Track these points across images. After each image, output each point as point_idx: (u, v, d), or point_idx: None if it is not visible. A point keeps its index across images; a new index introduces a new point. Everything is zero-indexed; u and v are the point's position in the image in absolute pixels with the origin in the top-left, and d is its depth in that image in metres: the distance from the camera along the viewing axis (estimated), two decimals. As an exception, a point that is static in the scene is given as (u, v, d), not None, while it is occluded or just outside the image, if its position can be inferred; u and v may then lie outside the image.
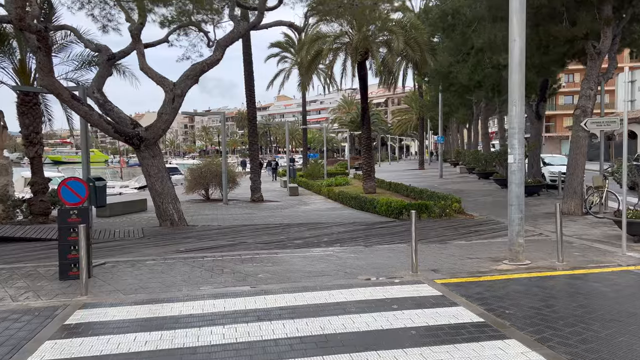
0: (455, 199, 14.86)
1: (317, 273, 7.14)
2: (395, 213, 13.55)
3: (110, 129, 11.26)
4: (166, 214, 12.31)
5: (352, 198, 17.63)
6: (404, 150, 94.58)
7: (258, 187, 20.75)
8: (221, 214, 16.18)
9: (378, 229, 11.69)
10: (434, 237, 10.38)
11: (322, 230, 11.47)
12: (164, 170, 12.33)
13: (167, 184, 12.32)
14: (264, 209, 17.66)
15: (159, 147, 12.26)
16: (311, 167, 34.66)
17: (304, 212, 16.27)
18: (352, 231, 11.34)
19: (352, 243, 9.80)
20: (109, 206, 16.14)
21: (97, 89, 12.13)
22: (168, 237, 10.88)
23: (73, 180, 7.68)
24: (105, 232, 11.51)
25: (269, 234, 11.01)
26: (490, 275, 6.88)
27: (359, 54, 20.20)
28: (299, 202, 20.26)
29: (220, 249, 9.36)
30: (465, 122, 44.36)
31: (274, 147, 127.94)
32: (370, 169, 21.84)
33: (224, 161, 20.01)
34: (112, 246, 9.85)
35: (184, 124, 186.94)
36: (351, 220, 13.34)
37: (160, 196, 12.24)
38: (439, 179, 30.02)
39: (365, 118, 21.94)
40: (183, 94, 11.58)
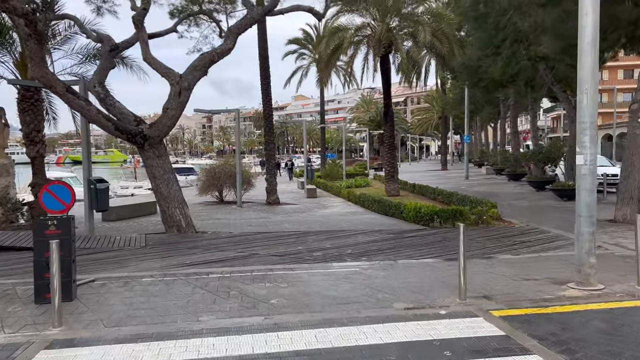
0: (491, 203, 13.44)
1: (342, 299, 5.86)
2: (425, 220, 12.19)
3: (111, 126, 10.17)
4: (172, 219, 11.19)
5: (375, 201, 16.31)
6: (425, 150, 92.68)
7: (274, 189, 19.57)
8: (234, 218, 15.03)
9: (408, 238, 10.36)
10: (474, 249, 9.01)
11: (345, 240, 10.18)
12: (170, 171, 11.21)
13: (174, 186, 11.19)
14: (279, 213, 16.46)
15: (164, 146, 11.15)
16: (329, 168, 33.39)
17: (323, 217, 15.01)
18: (379, 241, 10.03)
19: (380, 256, 8.51)
20: (115, 209, 15.14)
21: (99, 83, 11.06)
22: (172, 246, 9.73)
23: (56, 184, 6.56)
24: (105, 239, 10.43)
25: (285, 244, 9.78)
26: (560, 305, 5.51)
27: (382, 46, 18.86)
28: (318, 205, 19.00)
29: (229, 262, 8.16)
30: (490, 120, 42.58)
31: (292, 147, 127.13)
32: (393, 170, 20.48)
33: (237, 161, 18.88)
34: (108, 257, 8.73)
35: (201, 124, 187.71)
36: (376, 228, 12.03)
37: (166, 200, 11.12)
38: (464, 181, 28.46)
39: (388, 115, 20.58)
40: (190, 87, 10.43)
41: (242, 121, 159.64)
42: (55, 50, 14.56)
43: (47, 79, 9.26)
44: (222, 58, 10.69)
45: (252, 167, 40.62)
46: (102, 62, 11.38)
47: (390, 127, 20.70)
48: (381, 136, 56.75)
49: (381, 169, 47.66)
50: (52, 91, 9.69)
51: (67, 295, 5.88)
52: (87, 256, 8.82)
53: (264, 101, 19.43)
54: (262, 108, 19.48)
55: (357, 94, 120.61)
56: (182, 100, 10.47)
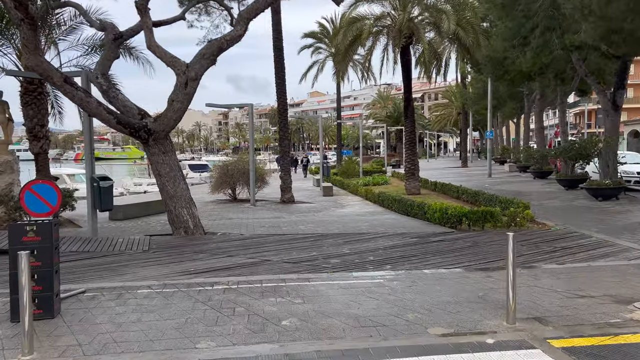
0: (524, 204, 12.39)
1: (366, 319, 4.97)
2: (452, 222, 11.20)
3: (112, 120, 9.42)
4: (179, 220, 10.42)
5: (395, 200, 15.35)
6: (443, 146, 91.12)
7: (288, 187, 18.74)
8: (246, 218, 14.23)
9: (434, 243, 9.40)
10: (511, 257, 8.02)
11: (365, 244, 9.28)
12: (177, 168, 10.43)
13: (181, 185, 10.41)
14: (294, 212, 15.62)
15: (170, 142, 10.37)
16: (346, 165, 32.46)
17: (340, 217, 14.11)
18: (402, 246, 9.10)
19: (406, 264, 7.59)
20: (122, 208, 14.47)
21: (102, 74, 10.33)
22: (177, 250, 8.94)
23: (40, 183, 5.78)
24: (107, 242, 9.69)
25: (299, 249, 8.91)
26: (632, 334, 4.53)
27: (403, 37, 17.86)
28: (334, 204, 18.11)
29: (237, 270, 7.33)
30: (512, 116, 41.08)
31: (307, 143, 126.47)
32: (413, 167, 19.48)
33: (251, 158, 18.08)
34: (106, 263, 7.98)
35: (218, 121, 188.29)
36: (398, 230, 11.09)
37: (173, 200, 10.35)
38: (488, 178, 27.24)
39: (408, 110, 19.57)
40: (198, 77, 9.62)
41: (257, 118, 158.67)
42: (61, 40, 13.94)
43: (43, 69, 8.53)
44: (232, 45, 9.85)
45: (266, 164, 39.99)
46: (105, 51, 10.65)
47: (410, 123, 19.69)
48: (398, 132, 55.60)
49: (399, 165, 46.64)
50: (49, 82, 8.99)
51: (47, 311, 5.11)
52: (84, 261, 8.08)
53: (278, 95, 18.57)
54: (277, 102, 18.64)
55: (374, 90, 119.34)
56: (189, 91, 9.67)
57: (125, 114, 10.03)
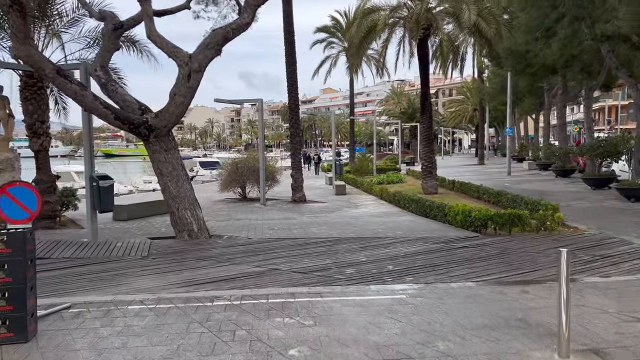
0: (552, 206, 11.49)
1: (388, 349, 4.21)
2: (476, 225, 10.36)
3: (110, 115, 8.76)
4: (183, 223, 9.74)
5: (412, 201, 14.52)
6: (458, 144, 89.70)
7: (300, 186, 18.01)
8: (255, 218, 13.53)
9: (459, 250, 8.58)
10: (546, 266, 7.19)
11: (382, 251, 8.50)
12: (180, 167, 9.75)
13: (184, 185, 9.73)
14: (306, 212, 14.88)
15: (173, 139, 9.69)
16: (359, 162, 31.62)
17: (354, 218, 13.34)
18: (424, 253, 8.30)
19: (430, 275, 6.80)
20: (126, 208, 13.89)
21: (101, 66, 9.68)
22: (178, 257, 8.26)
23: (18, 185, 5.12)
24: (104, 247, 9.05)
25: (311, 255, 8.17)
26: None
27: (420, 28, 16.97)
28: (347, 204, 17.34)
29: (241, 281, 6.61)
30: (531, 112, 39.82)
31: (319, 140, 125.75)
32: (431, 165, 18.61)
33: (261, 155, 17.38)
34: (99, 272, 7.32)
35: (230, 118, 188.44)
36: (418, 234, 10.28)
37: (176, 200, 9.68)
38: (507, 177, 26.22)
39: (425, 106, 18.69)
40: (201, 69, 8.91)
41: (269, 115, 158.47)
42: (62, 33, 13.33)
43: (34, 60, 7.90)
44: (238, 35, 9.11)
45: (277, 161, 39.34)
46: (104, 42, 9.99)
47: (427, 119, 18.81)
48: (413, 129, 54.50)
49: (413, 163, 45.63)
50: (40, 74, 8.36)
51: (19, 334, 4.44)
52: (76, 269, 7.43)
53: (289, 90, 17.83)
54: (288, 97, 17.91)
55: (387, 86, 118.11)
56: (192, 84, 8.96)
57: (125, 109, 9.37)
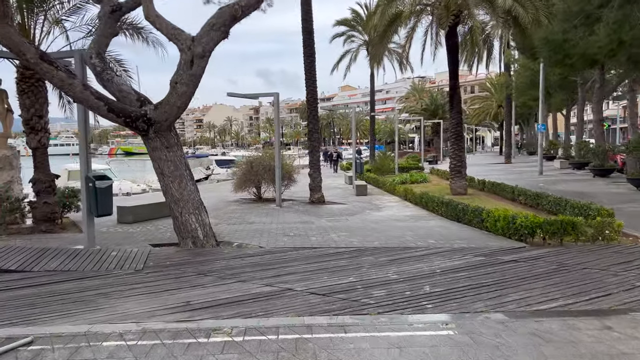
0: (606, 211, 10.06)
1: None
2: (521, 233, 8.99)
3: (102, 107, 7.68)
4: (186, 229, 8.63)
5: (442, 203, 13.18)
6: (481, 141, 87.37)
7: (318, 186, 16.82)
8: (270, 222, 12.38)
9: (507, 264, 7.25)
10: (620, 289, 5.82)
11: (416, 265, 7.22)
12: (183, 167, 8.64)
13: (188, 186, 8.61)
14: (324, 215, 13.68)
15: (175, 134, 8.58)
16: (380, 161, 30.25)
17: (378, 223, 12.08)
18: (466, 268, 7.00)
19: (479, 300, 5.51)
20: (132, 210, 12.89)
21: (97, 53, 8.61)
22: (177, 270, 7.13)
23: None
24: (95, 257, 7.99)
25: (331, 270, 6.95)
26: None
27: (450, 15, 15.57)
28: (369, 205, 16.09)
29: (246, 306, 5.43)
30: (561, 108, 37.80)
31: (338, 138, 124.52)
32: (460, 164, 17.22)
33: (277, 153, 16.23)
34: (82, 290, 6.22)
35: (249, 116, 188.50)
36: (454, 243, 8.97)
37: (178, 204, 8.57)
38: (539, 176, 24.60)
39: (454, 99, 17.28)
40: (205, 54, 7.76)
41: (288, 113, 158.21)
42: (64, 20, 12.39)
43: (13, 42, 6.86)
44: (248, 14, 7.93)
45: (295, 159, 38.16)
46: (101, 26, 8.91)
47: (457, 114, 17.40)
48: (435, 126, 52.79)
49: (436, 161, 43.99)
50: (22, 60, 7.31)
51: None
52: (56, 287, 6.36)
53: (307, 83, 16.63)
54: (306, 91, 16.71)
55: (406, 83, 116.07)
56: (195, 71, 7.82)
57: (121, 101, 8.29)
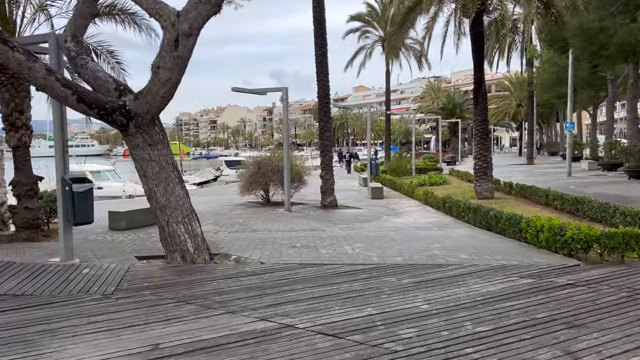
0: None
1: None
2: (571, 248, 7.51)
3: (70, 96, 6.43)
4: (174, 241, 7.34)
5: (469, 209, 11.74)
6: (498, 142, 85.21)
7: (330, 189, 15.46)
8: (276, 229, 11.07)
9: (564, 290, 5.79)
10: None
11: (448, 289, 5.81)
12: (170, 167, 7.35)
13: (176, 191, 7.32)
14: (337, 222, 12.33)
15: (160, 129, 7.29)
16: (395, 162, 28.75)
17: (398, 231, 10.68)
18: (514, 295, 5.56)
19: (542, 347, 4.08)
20: (124, 215, 11.69)
21: (72, 36, 7.41)
22: (153, 297, 5.81)
23: None
24: (64, 274, 6.73)
25: (343, 297, 5.58)
26: None
27: (476, 1, 14.10)
28: (387, 210, 14.68)
29: (230, 352, 4.09)
30: (588, 105, 35.86)
31: (352, 139, 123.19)
32: (486, 165, 15.71)
33: (285, 154, 14.91)
34: (24, 324, 4.93)
35: (262, 117, 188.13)
36: (490, 259, 7.53)
37: (164, 212, 7.29)
38: (568, 178, 22.90)
39: (480, 94, 15.77)
40: (192, 32, 6.45)
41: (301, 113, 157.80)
42: (48, 6, 11.23)
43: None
44: (244, -16, 6.65)
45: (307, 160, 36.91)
46: (78, 6, 7.68)
47: (482, 110, 15.89)
48: (452, 126, 51.06)
49: (454, 162, 42.28)
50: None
51: None
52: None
53: (318, 78, 15.28)
54: (317, 86, 15.36)
55: (421, 83, 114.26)
56: (181, 53, 6.52)
57: (97, 90, 7.03)
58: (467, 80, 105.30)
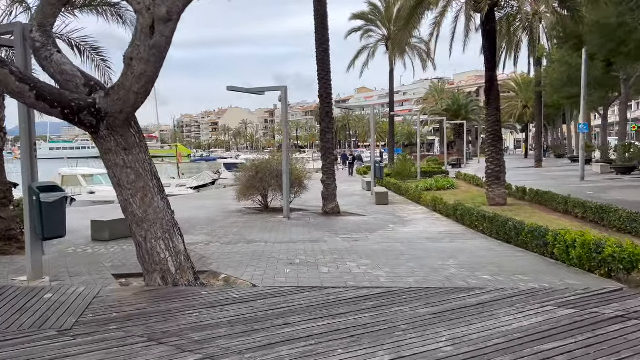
0: None
1: None
2: (612, 268, 6.52)
3: (27, 92, 5.49)
4: (153, 259, 6.38)
5: (484, 218, 10.76)
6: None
7: (332, 195, 14.51)
8: (273, 241, 10.12)
9: (614, 324, 4.79)
10: None
11: (475, 324, 4.83)
12: (149, 175, 6.39)
13: (155, 202, 6.37)
14: (340, 231, 11.38)
15: (137, 131, 6.32)
16: (400, 165, 27.77)
17: (407, 244, 9.71)
18: (554, 332, 4.58)
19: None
20: (108, 225, 10.75)
21: (39, 25, 6.47)
22: (119, 333, 4.84)
23: None
24: (20, 302, 5.78)
25: (349, 333, 4.60)
26: None
27: (489, -7, 13.14)
28: (393, 218, 13.73)
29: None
30: (599, 106, 34.80)
31: (353, 141, 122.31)
32: (499, 169, 14.73)
33: (285, 157, 13.97)
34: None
35: (264, 119, 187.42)
36: (517, 281, 6.55)
37: (141, 226, 6.33)
38: (581, 182, 21.92)
39: (492, 92, 14.81)
40: (172, 16, 5.51)
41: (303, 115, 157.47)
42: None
43: None
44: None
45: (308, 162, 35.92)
46: (46, -9, 6.73)
47: (494, 110, 14.91)
48: (457, 127, 50.04)
49: (459, 165, 41.28)
50: None
51: None
52: None
53: (320, 75, 14.33)
54: (318, 86, 14.42)
55: (424, 84, 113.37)
56: (157, 42, 5.57)
57: (63, 86, 6.09)
58: (470, 81, 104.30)
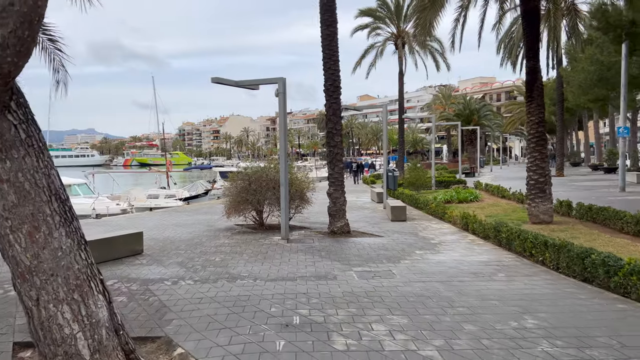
0: None
1: None
2: None
3: None
4: (51, 336, 3.73)
5: (546, 246, 8.06)
6: (509, 152, 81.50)
7: (341, 210, 11.86)
8: (264, 277, 7.46)
9: None
10: None
11: None
12: (44, 195, 3.76)
13: (55, 240, 3.74)
14: (353, 261, 8.72)
15: (21, 121, 3.73)
16: (412, 174, 25.07)
17: (449, 283, 7.04)
18: None
19: None
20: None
21: None
22: None
23: None
24: None
25: None
26: None
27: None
28: (416, 239, 11.06)
29: None
30: (628, 110, 32.12)
31: (357, 149, 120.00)
32: (543, 180, 12.05)
33: (282, 166, 11.32)
34: None
35: (266, 127, 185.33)
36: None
37: (30, 280, 3.69)
38: (622, 194, 19.23)
39: (535, 88, 12.16)
40: None
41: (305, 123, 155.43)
42: None
43: None
44: None
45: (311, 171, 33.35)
46: None
47: (537, 108, 12.25)
48: (468, 133, 47.38)
49: (473, 173, 38.65)
50: None
51: None
52: None
53: (325, 65, 11.74)
54: (324, 77, 11.82)
55: (428, 91, 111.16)
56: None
57: None
58: (475, 87, 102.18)
